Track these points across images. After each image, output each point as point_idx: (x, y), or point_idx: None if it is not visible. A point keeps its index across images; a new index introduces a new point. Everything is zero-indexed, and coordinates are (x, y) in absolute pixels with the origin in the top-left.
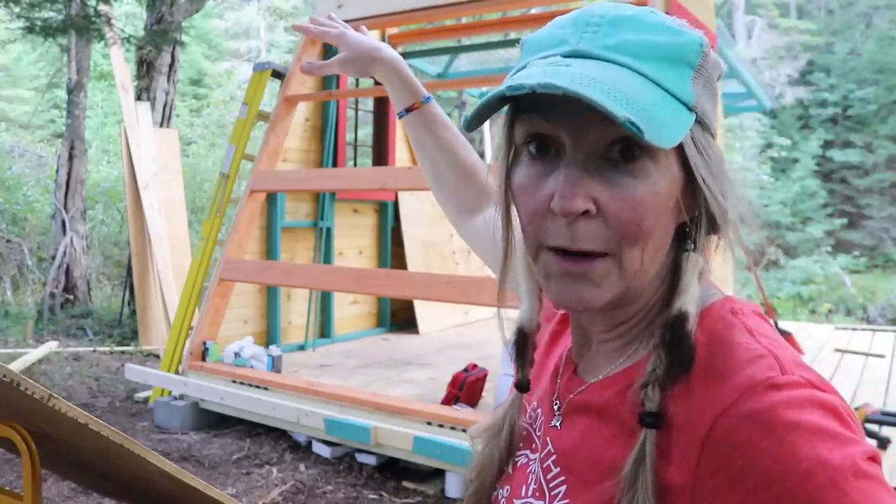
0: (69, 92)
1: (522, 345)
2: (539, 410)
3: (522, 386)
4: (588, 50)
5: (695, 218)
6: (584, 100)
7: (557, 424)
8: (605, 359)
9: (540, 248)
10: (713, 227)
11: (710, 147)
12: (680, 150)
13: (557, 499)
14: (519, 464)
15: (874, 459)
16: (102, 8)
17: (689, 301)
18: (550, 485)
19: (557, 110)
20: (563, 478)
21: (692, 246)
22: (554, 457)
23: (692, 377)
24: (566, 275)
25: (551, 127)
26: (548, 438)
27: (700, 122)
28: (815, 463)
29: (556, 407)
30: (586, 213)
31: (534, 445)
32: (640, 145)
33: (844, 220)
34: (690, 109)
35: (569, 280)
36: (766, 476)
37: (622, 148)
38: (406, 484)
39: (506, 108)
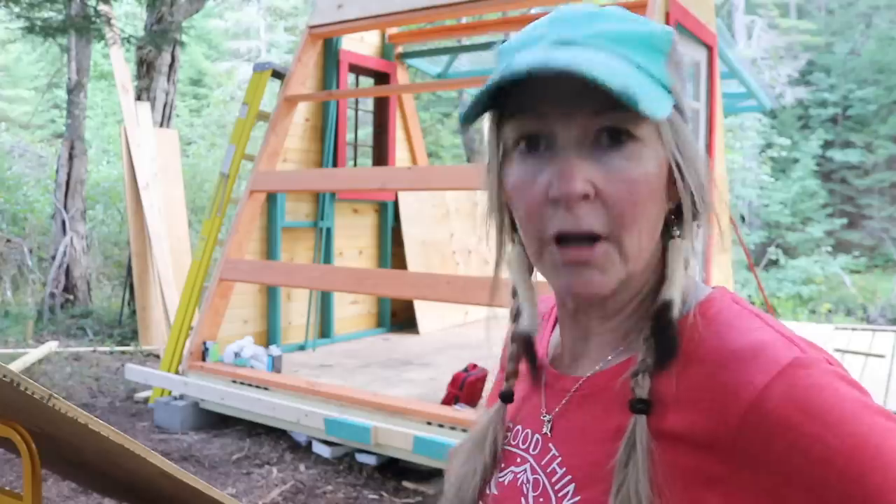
0: (69, 92)
1: (530, 353)
2: (519, 427)
3: (507, 396)
4: (570, 38)
5: (679, 206)
6: (580, 75)
7: (548, 432)
8: (599, 353)
9: (543, 243)
10: (696, 216)
11: (685, 132)
12: (661, 135)
13: (567, 498)
14: (506, 482)
15: (890, 416)
16: (102, 8)
17: (675, 289)
18: (556, 486)
19: (546, 104)
20: (570, 476)
21: (678, 232)
22: (559, 459)
23: (710, 364)
24: (572, 263)
25: (541, 123)
26: (550, 445)
27: (679, 110)
28: (857, 438)
29: (543, 413)
30: (585, 196)
31: (519, 459)
32: (626, 131)
33: (844, 220)
34: (669, 92)
35: (576, 269)
36: (808, 456)
37: (609, 135)
38: (406, 484)
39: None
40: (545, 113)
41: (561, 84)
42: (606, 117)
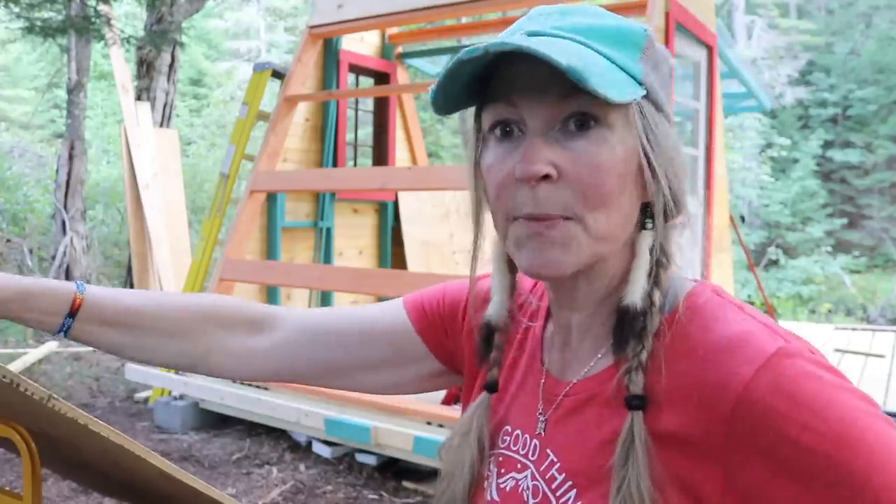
0: (69, 92)
1: (488, 340)
2: (518, 431)
3: (491, 386)
4: (542, 30)
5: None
6: (532, 53)
7: (542, 431)
8: (586, 354)
9: (508, 221)
10: (672, 211)
11: (660, 126)
12: (631, 123)
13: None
14: (507, 488)
15: (875, 403)
16: (102, 8)
17: (636, 284)
18: (557, 493)
19: (516, 92)
20: (570, 482)
21: (650, 224)
22: (558, 465)
23: (696, 359)
24: (535, 237)
25: (513, 110)
26: (547, 450)
27: (653, 103)
28: (842, 424)
29: (539, 416)
30: (548, 177)
31: (519, 465)
32: (593, 116)
33: (844, 220)
34: (639, 84)
35: (538, 244)
36: (797, 444)
37: (577, 121)
38: (406, 484)
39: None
40: (516, 100)
41: (530, 72)
42: (573, 102)
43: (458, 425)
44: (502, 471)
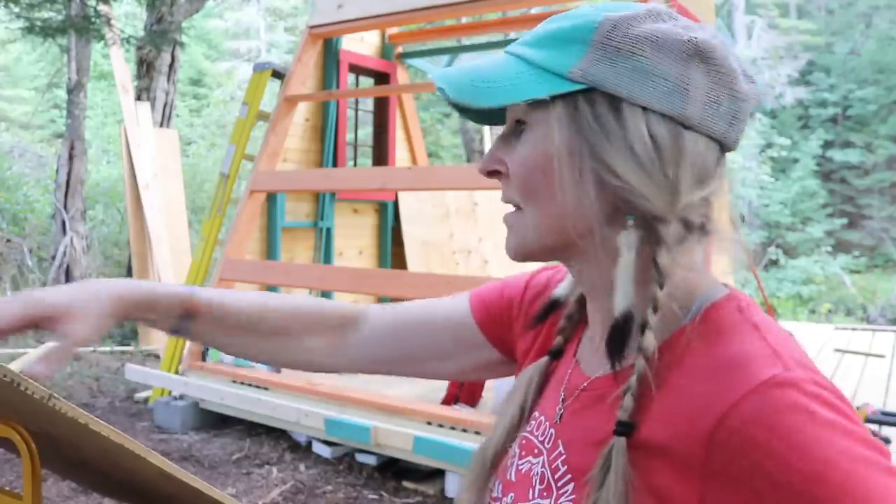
0: (69, 92)
1: (547, 311)
2: (542, 417)
3: (555, 353)
4: (513, 42)
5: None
6: (438, 87)
7: (558, 421)
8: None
9: None
10: (652, 212)
11: (615, 120)
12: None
13: (565, 496)
14: (523, 470)
15: (881, 451)
16: (102, 8)
17: (619, 293)
18: (559, 483)
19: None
20: (570, 476)
21: (629, 222)
22: (563, 456)
23: (692, 374)
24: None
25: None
26: (559, 441)
27: (606, 95)
28: (822, 465)
29: (559, 406)
30: (497, 172)
31: (536, 451)
32: (521, 120)
33: (844, 220)
34: (567, 79)
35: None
36: (771, 478)
37: (518, 125)
38: (406, 484)
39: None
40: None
41: None
42: (515, 109)
43: (515, 381)
44: (523, 453)
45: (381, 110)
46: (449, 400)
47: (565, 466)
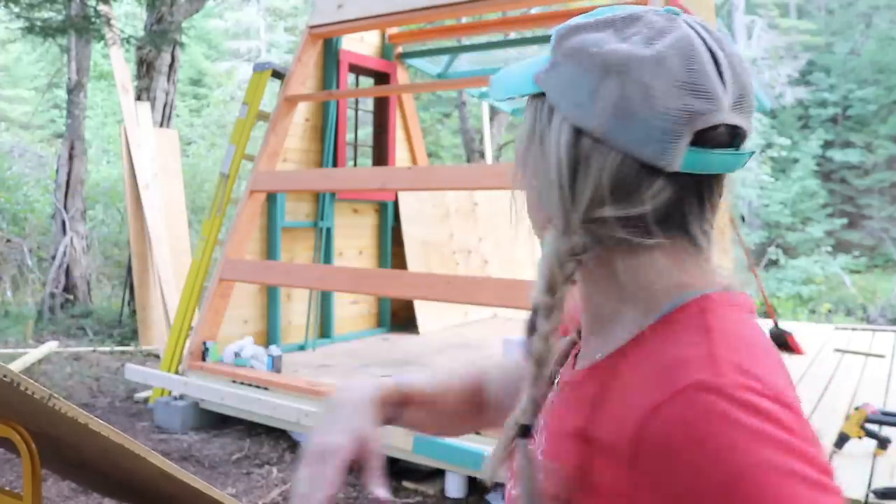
0: (69, 92)
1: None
2: (554, 399)
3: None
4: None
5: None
6: (489, 95)
7: (550, 405)
8: (590, 348)
9: None
10: (559, 217)
11: (542, 121)
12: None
13: None
14: (537, 443)
15: (820, 468)
16: (102, 8)
17: (535, 286)
18: (542, 461)
19: None
20: (545, 458)
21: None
22: (542, 447)
23: (634, 374)
24: None
25: None
26: (545, 430)
27: (549, 102)
28: (737, 473)
29: (551, 395)
30: None
31: (535, 441)
32: None
33: (844, 220)
34: (534, 83)
35: None
36: (685, 484)
37: None
38: (406, 484)
39: None
40: None
41: None
42: None
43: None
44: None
45: (381, 110)
46: None
47: (541, 457)
